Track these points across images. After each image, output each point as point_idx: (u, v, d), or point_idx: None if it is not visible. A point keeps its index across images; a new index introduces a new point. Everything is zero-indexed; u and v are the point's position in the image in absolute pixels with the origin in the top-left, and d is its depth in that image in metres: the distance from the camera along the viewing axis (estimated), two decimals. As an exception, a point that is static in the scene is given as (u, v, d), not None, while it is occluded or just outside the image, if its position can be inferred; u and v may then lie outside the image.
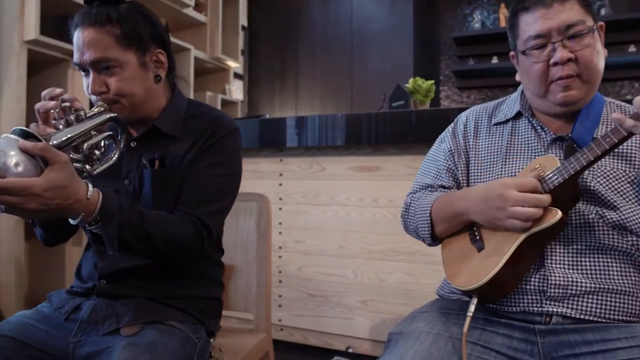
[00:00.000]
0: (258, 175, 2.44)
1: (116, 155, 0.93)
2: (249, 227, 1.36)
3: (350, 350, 2.26)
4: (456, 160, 1.12)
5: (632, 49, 3.97)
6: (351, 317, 2.27)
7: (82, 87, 2.77)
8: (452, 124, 1.19)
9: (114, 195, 0.89)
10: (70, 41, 1.01)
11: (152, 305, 0.99)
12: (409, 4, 4.25)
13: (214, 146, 1.04)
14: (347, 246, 2.29)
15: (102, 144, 0.93)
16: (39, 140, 0.75)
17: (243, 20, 4.49)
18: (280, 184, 2.40)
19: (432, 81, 2.27)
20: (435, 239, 1.07)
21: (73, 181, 0.79)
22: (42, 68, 2.64)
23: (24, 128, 0.78)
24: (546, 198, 0.85)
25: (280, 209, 2.37)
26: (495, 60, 4.40)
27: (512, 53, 1.08)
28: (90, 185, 0.83)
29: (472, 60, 4.54)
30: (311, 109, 4.70)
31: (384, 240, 2.22)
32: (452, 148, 1.13)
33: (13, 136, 0.74)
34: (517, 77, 1.08)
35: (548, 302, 0.90)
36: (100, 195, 0.84)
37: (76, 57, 0.97)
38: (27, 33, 2.37)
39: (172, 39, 2.50)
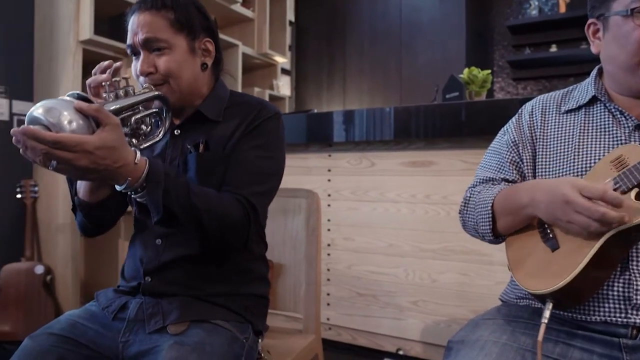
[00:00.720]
0: (306, 171, 2.40)
1: (162, 133, 0.95)
2: (298, 225, 1.31)
3: (400, 353, 2.19)
4: (521, 152, 1.03)
5: None
6: (402, 318, 2.19)
7: (136, 83, 2.83)
8: (516, 115, 1.10)
9: (160, 163, 0.88)
10: (122, 40, 1.06)
11: (197, 303, 0.97)
12: (460, -9, 4.09)
13: (257, 128, 1.03)
14: (398, 244, 2.21)
15: (149, 122, 0.95)
16: (91, 102, 0.77)
17: (290, 15, 4.46)
18: (329, 180, 2.34)
19: (489, 71, 2.15)
20: (497, 236, 0.98)
21: (123, 144, 0.80)
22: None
23: (79, 92, 0.79)
24: (614, 215, 0.74)
25: (328, 205, 2.32)
26: (554, 48, 4.16)
27: (591, 21, 0.96)
28: (138, 152, 0.83)
29: (528, 49, 4.32)
30: (359, 104, 4.62)
31: (437, 239, 2.12)
32: (517, 139, 1.04)
33: (68, 98, 0.76)
34: (595, 49, 0.96)
35: (634, 312, 0.80)
36: (147, 161, 0.84)
37: (129, 39, 0.99)
38: (82, 33, 2.43)
39: (220, 35, 2.49)
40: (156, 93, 0.93)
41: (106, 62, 0.94)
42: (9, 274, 2.43)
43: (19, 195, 2.59)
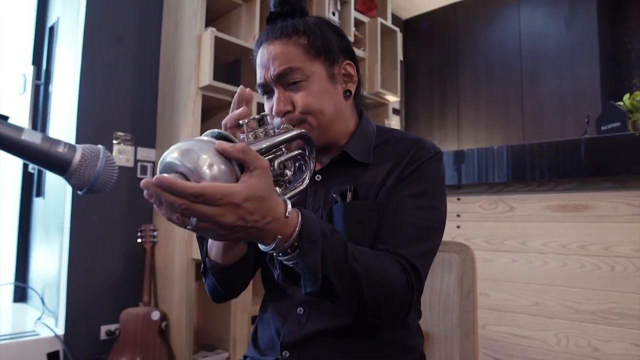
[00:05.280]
0: (431, 216, 2.17)
1: (307, 179, 0.79)
2: (449, 285, 1.09)
3: None
4: None
5: None
6: (554, 393, 1.83)
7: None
8: None
9: (314, 217, 0.70)
10: (238, 84, 0.94)
11: None
12: (591, 14, 3.68)
13: (416, 172, 0.86)
14: (546, 303, 1.87)
15: (290, 166, 0.78)
16: (233, 142, 0.62)
17: (399, 53, 4.35)
18: (458, 226, 2.09)
19: (656, 96, 1.80)
20: None
21: (272, 194, 0.63)
22: (213, 112, 2.75)
23: (220, 130, 0.66)
24: None
25: (458, 255, 2.06)
26: None
27: None
28: (289, 202, 0.67)
29: (677, 72, 3.76)
30: (475, 142, 4.30)
31: (598, 298, 1.76)
32: None
33: (206, 138, 0.62)
34: None
35: None
36: (300, 215, 0.67)
37: (260, 77, 0.88)
38: (202, 80, 2.48)
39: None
40: (300, 131, 0.79)
41: (237, 94, 0.81)
42: (128, 319, 2.46)
43: (139, 240, 2.65)
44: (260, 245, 0.68)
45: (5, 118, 0.60)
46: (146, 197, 0.59)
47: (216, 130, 0.66)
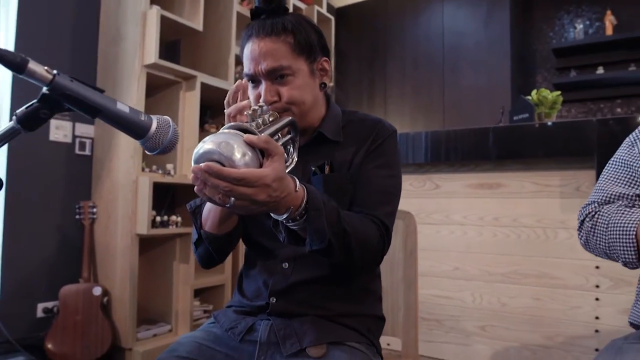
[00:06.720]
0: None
1: (296, 157, 0.92)
2: (395, 246, 1.29)
3: (469, 379, 2.12)
4: None
5: None
6: (468, 344, 2.14)
7: (192, 107, 2.84)
8: None
9: (315, 189, 0.84)
10: (179, 63, 1.00)
11: (329, 324, 0.95)
12: (505, 16, 4.09)
13: (379, 148, 1.02)
14: (465, 268, 2.17)
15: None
16: (255, 134, 0.74)
17: (332, 41, 4.52)
18: (392, 202, 2.32)
19: (559, 92, 2.13)
20: None
21: (286, 174, 0.78)
22: (157, 90, 2.77)
23: (240, 124, 0.78)
24: None
25: (391, 227, 2.30)
26: (600, 70, 4.12)
27: None
28: (297, 179, 0.81)
29: (573, 71, 4.28)
30: (400, 127, 4.59)
31: (507, 262, 2.08)
32: None
33: (234, 131, 0.74)
34: None
35: None
36: (305, 189, 0.82)
37: (249, 68, 0.97)
38: (147, 58, 2.50)
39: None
40: (289, 119, 0.92)
41: (235, 86, 0.93)
42: (67, 296, 2.44)
43: (77, 217, 2.63)
44: (273, 215, 0.82)
45: (102, 91, 0.71)
46: (192, 181, 0.71)
47: (236, 123, 0.78)
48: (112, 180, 2.63)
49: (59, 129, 2.62)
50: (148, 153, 0.78)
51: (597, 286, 1.88)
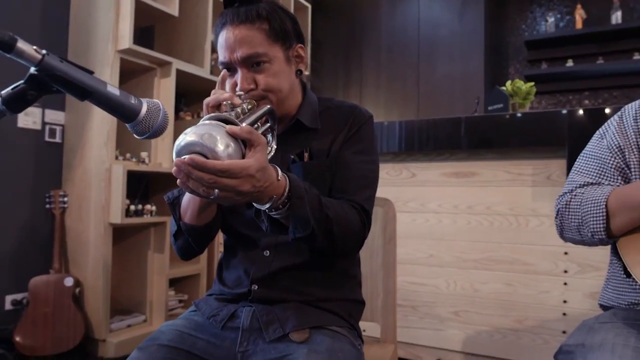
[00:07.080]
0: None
1: (274, 148, 0.92)
2: (374, 232, 1.31)
3: (442, 363, 2.18)
4: (627, 157, 1.01)
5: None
6: (442, 329, 2.19)
7: (167, 94, 2.79)
8: (616, 119, 1.07)
9: (295, 177, 0.84)
10: (153, 49, 0.99)
11: (311, 310, 0.96)
12: (480, 8, 4.14)
13: (357, 134, 1.03)
14: (439, 255, 2.22)
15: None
16: (237, 125, 0.74)
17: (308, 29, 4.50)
18: (368, 191, 2.34)
19: (532, 83, 2.18)
20: (610, 236, 0.94)
21: (268, 163, 0.77)
22: (131, 77, 2.71)
23: (220, 114, 0.77)
24: None
25: (368, 216, 2.33)
26: (570, 63, 4.23)
27: None
28: (278, 168, 0.80)
29: (544, 64, 4.38)
30: (375, 117, 4.61)
31: (480, 249, 2.13)
32: (621, 144, 1.02)
33: (215, 122, 0.73)
34: None
35: None
36: (287, 177, 0.82)
37: (224, 56, 0.95)
38: (121, 43, 2.44)
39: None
40: (268, 107, 0.91)
41: (220, 76, 0.92)
42: (38, 287, 2.38)
43: (47, 206, 2.56)
44: (255, 205, 0.82)
45: (91, 73, 0.69)
46: (174, 174, 0.70)
47: (216, 114, 0.77)
48: (84, 169, 2.57)
49: (28, 115, 2.54)
50: (137, 137, 0.76)
51: (566, 271, 1.95)
